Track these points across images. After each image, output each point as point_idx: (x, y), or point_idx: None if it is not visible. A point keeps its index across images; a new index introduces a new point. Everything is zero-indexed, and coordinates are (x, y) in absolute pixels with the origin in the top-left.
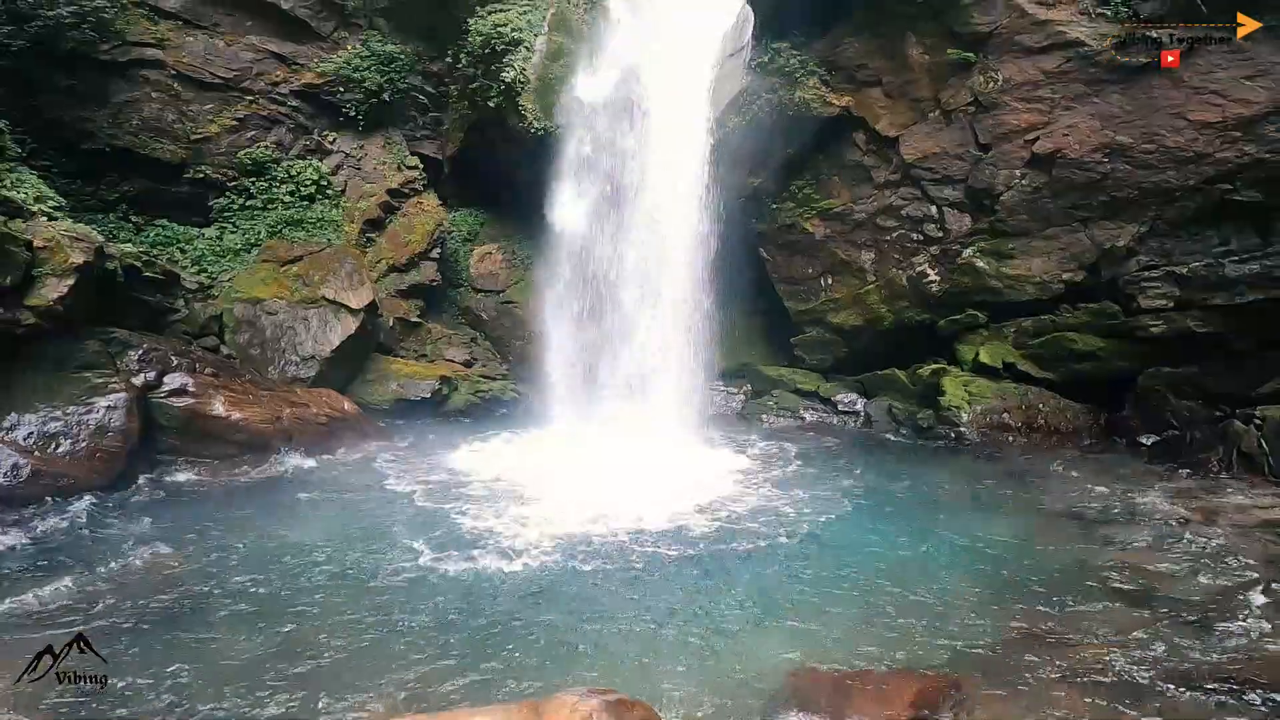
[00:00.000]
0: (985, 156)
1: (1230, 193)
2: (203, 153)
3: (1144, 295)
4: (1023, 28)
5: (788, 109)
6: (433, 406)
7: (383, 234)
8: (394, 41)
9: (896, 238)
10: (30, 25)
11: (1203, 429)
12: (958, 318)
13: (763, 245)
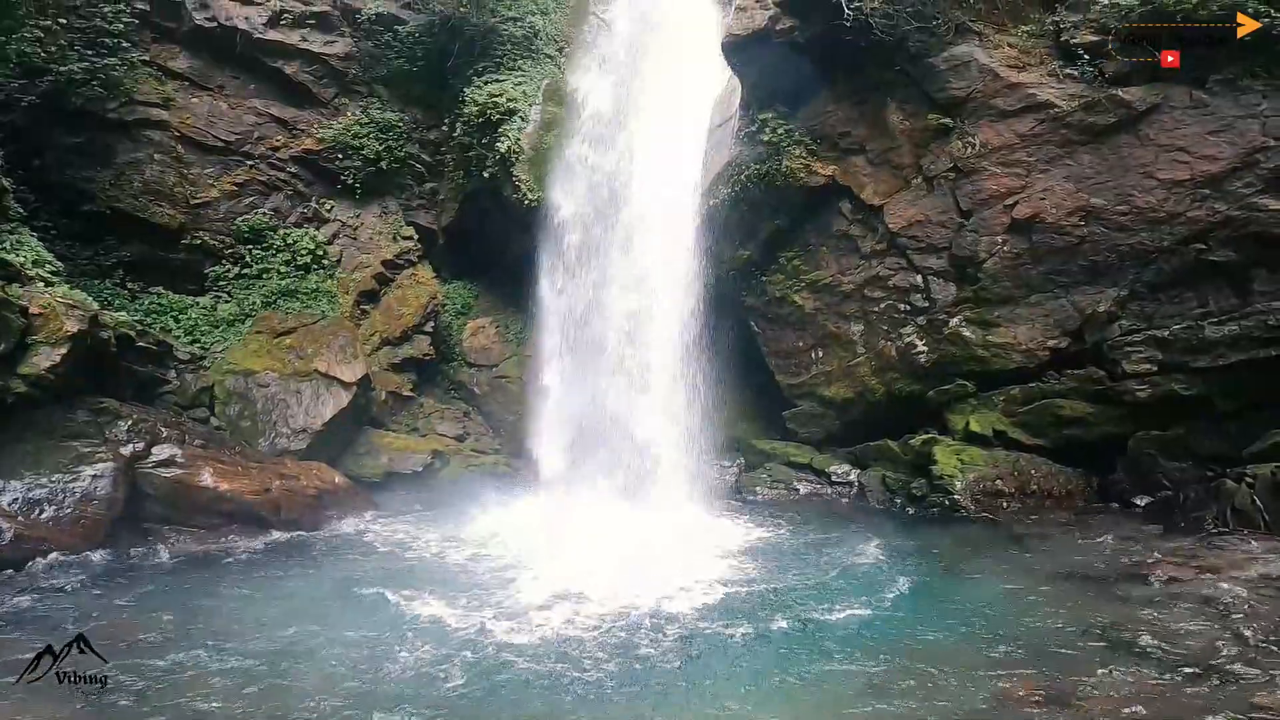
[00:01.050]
0: (967, 223)
1: (1205, 253)
2: (201, 218)
3: (1128, 360)
4: (996, 91)
5: (775, 179)
6: (424, 480)
7: (377, 306)
8: (393, 109)
9: (884, 309)
10: (42, 80)
11: (1195, 488)
12: (947, 388)
13: (753, 319)
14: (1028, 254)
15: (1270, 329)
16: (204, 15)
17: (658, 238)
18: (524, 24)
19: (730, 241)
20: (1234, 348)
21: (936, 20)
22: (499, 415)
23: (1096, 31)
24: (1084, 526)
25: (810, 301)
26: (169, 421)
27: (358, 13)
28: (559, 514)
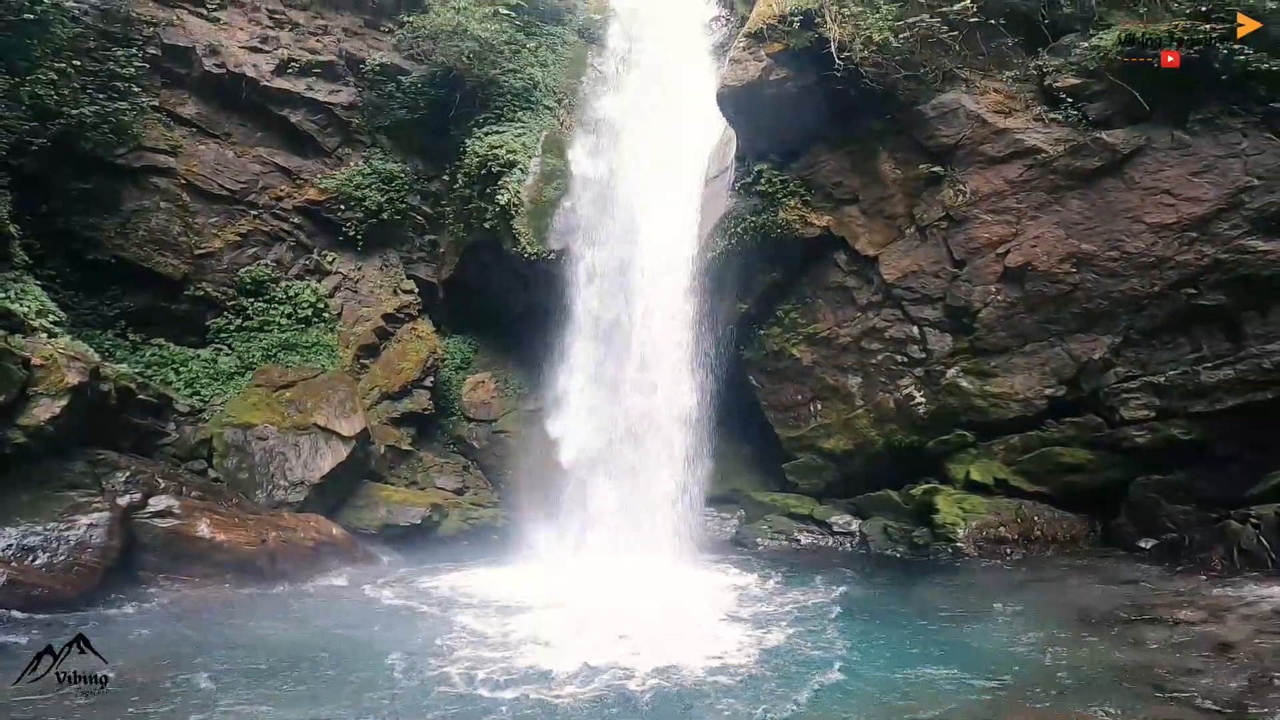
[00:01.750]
0: (960, 273)
1: (1196, 297)
2: (204, 269)
3: (1126, 407)
4: (984, 137)
5: (771, 231)
6: (423, 533)
7: (376, 360)
8: (395, 160)
9: (882, 360)
10: (54, 123)
11: (1201, 530)
12: (946, 438)
13: (751, 373)
14: (1021, 303)
15: (1265, 372)
16: (213, 61)
17: (656, 294)
18: (523, 76)
19: (727, 295)
20: (1230, 392)
21: (924, 68)
22: (498, 469)
23: (1078, 75)
24: (1090, 570)
25: (808, 355)
26: (167, 473)
27: (362, 62)
28: (559, 568)
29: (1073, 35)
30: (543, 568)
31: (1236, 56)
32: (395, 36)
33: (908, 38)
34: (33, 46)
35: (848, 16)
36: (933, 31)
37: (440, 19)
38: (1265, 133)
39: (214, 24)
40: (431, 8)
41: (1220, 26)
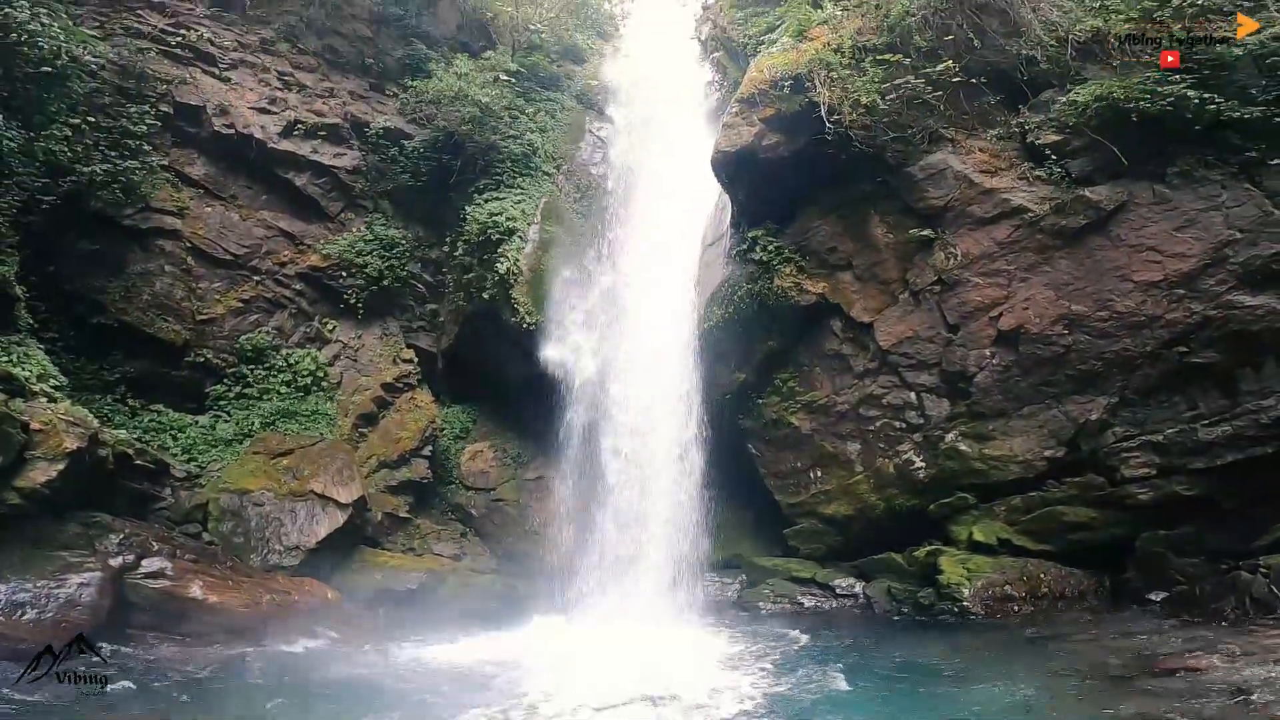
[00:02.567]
0: (955, 338)
1: (1188, 355)
2: (205, 335)
3: (1126, 465)
4: (972, 198)
5: (767, 299)
6: (420, 598)
7: (375, 429)
8: (396, 226)
9: (880, 427)
10: (65, 180)
11: (1211, 581)
12: (948, 500)
13: (750, 441)
14: (1016, 366)
15: (1263, 428)
16: (223, 121)
17: (654, 367)
18: (523, 142)
19: (725, 365)
20: (1229, 447)
21: (911, 129)
22: (497, 537)
23: (1058, 131)
24: (1101, 624)
25: (807, 423)
26: (161, 536)
27: (366, 126)
28: (558, 634)
29: (1051, 91)
30: (540, 634)
31: (1208, 105)
32: (399, 100)
33: (894, 99)
34: (49, 101)
35: (836, 80)
36: (918, 92)
37: (442, 84)
38: (1243, 183)
39: (225, 84)
40: (434, 73)
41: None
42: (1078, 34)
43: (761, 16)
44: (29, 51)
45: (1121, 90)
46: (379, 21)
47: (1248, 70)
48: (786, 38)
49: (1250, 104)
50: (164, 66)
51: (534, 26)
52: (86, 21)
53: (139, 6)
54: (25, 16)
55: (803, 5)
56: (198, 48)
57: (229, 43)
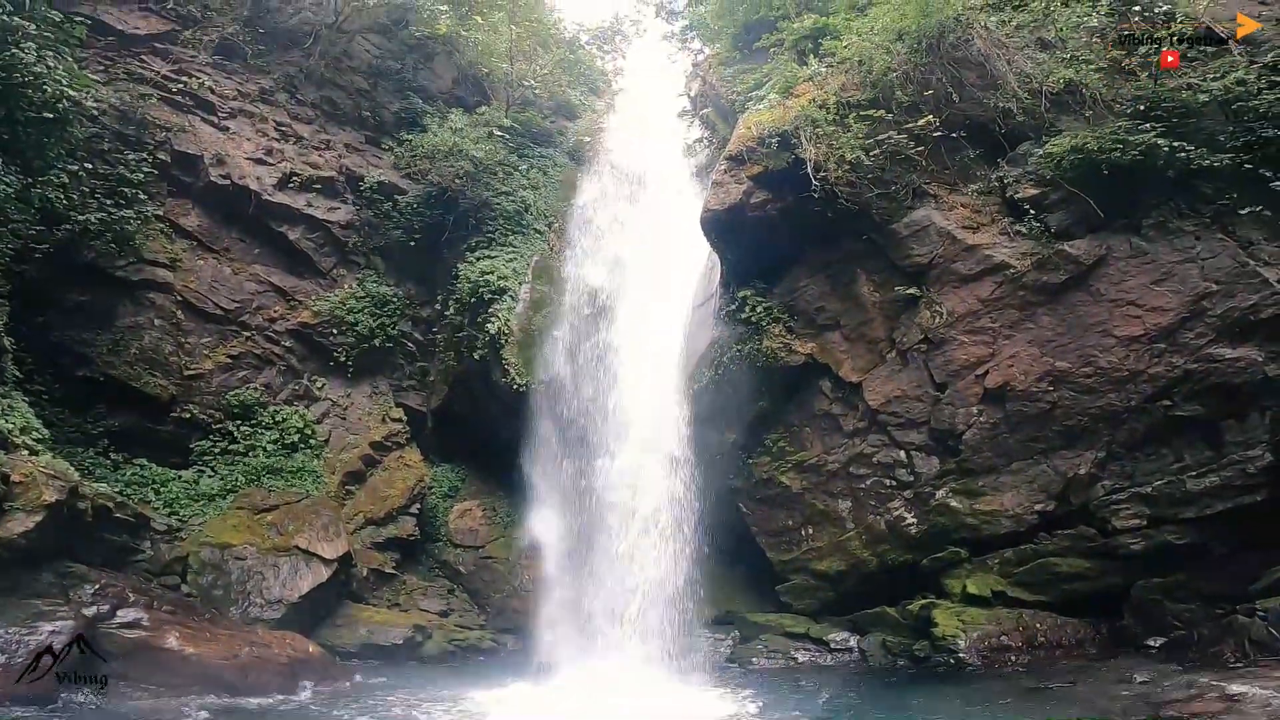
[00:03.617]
0: (942, 396)
1: (1172, 409)
2: (192, 390)
3: (1116, 517)
4: (955, 255)
5: (756, 360)
6: (405, 653)
7: (362, 487)
8: (388, 283)
9: (871, 485)
10: (60, 228)
11: (1209, 626)
12: (940, 555)
13: (740, 500)
14: (1004, 423)
15: (1250, 477)
16: (219, 172)
17: (644, 430)
18: (515, 199)
19: (715, 425)
20: (1218, 497)
21: (895, 185)
22: (485, 593)
23: (1036, 184)
24: (1100, 672)
25: (797, 481)
26: (138, 587)
27: (361, 180)
28: (547, 690)
29: (1028, 144)
30: (531, 692)
31: (1178, 154)
32: (394, 154)
33: (878, 155)
34: (49, 146)
35: (822, 136)
36: (900, 148)
37: (437, 139)
38: (1217, 234)
39: (223, 133)
40: (429, 127)
41: (1159, 127)
42: (1051, 85)
43: (749, 73)
44: (32, 95)
45: (1094, 141)
46: (377, 74)
47: (1214, 117)
48: (773, 94)
49: (1219, 151)
50: (164, 113)
51: (528, 83)
52: (91, 65)
53: (143, 51)
54: (31, 59)
55: (789, 62)
56: (199, 95)
57: (229, 91)
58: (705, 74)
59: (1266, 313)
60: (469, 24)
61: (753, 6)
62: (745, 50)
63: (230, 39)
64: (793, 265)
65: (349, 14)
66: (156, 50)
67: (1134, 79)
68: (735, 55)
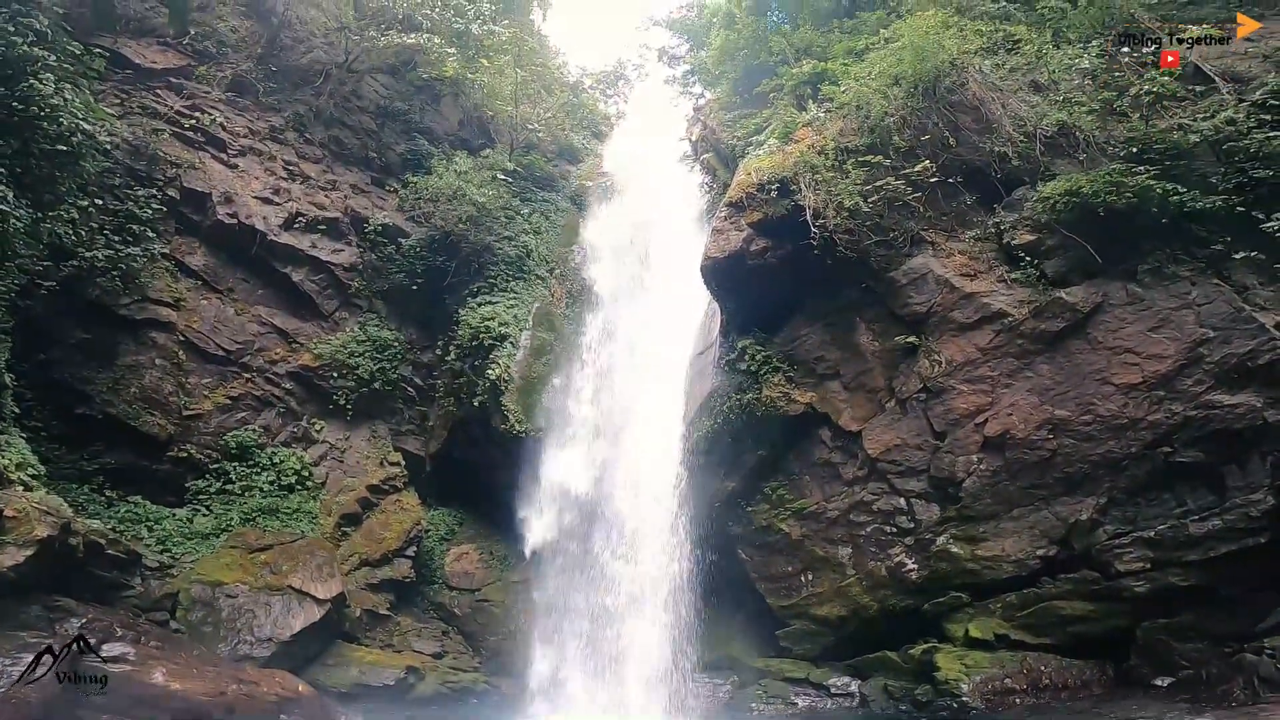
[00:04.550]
0: (942, 444)
1: (1172, 455)
2: (190, 430)
3: (1120, 561)
4: (954, 303)
5: (755, 409)
6: (397, 694)
7: (359, 529)
8: (390, 327)
9: (871, 532)
10: (66, 264)
11: (1217, 664)
12: (942, 600)
13: (740, 547)
14: (1004, 471)
15: (1253, 520)
16: (226, 210)
17: (644, 470)
18: (518, 244)
19: (715, 473)
20: (1222, 540)
21: (893, 232)
22: (480, 636)
23: (1032, 230)
24: (1108, 713)
25: (797, 529)
26: (125, 622)
27: (366, 222)
28: None
29: (1023, 188)
30: None
31: (1171, 197)
32: (399, 197)
33: (876, 201)
34: (61, 180)
35: (821, 182)
36: (898, 194)
37: (442, 181)
38: (1212, 279)
39: (233, 170)
40: (435, 169)
41: (1151, 169)
42: (1045, 128)
43: (749, 118)
44: (48, 127)
45: (1089, 184)
46: (384, 115)
47: (1206, 158)
48: (773, 140)
49: (1211, 193)
50: (175, 149)
51: (532, 126)
52: (108, 98)
53: (159, 86)
54: (50, 90)
55: (788, 108)
56: (210, 132)
57: (240, 128)
58: (706, 119)
59: (1264, 359)
60: (475, 66)
61: (753, 52)
62: (746, 95)
63: (244, 76)
64: (792, 314)
65: (359, 54)
66: (171, 85)
67: (1126, 120)
68: (736, 100)
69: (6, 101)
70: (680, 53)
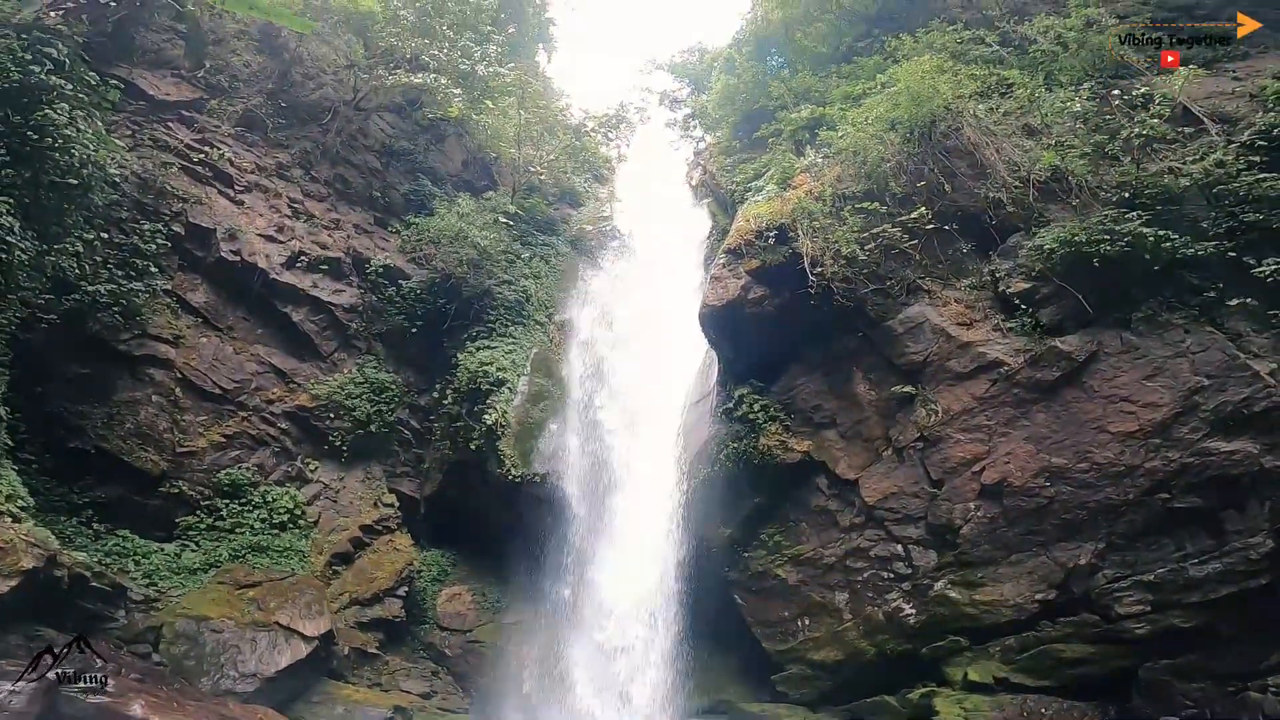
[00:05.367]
0: (939, 493)
1: (1170, 500)
2: (183, 467)
3: (1119, 604)
4: (950, 352)
5: (753, 458)
6: None
7: (350, 568)
8: (388, 369)
9: (868, 577)
10: (69, 297)
11: (1221, 703)
12: (940, 644)
13: (736, 592)
14: (1001, 517)
15: (1254, 562)
16: (230, 247)
17: (640, 516)
18: (517, 288)
19: (711, 520)
20: (1223, 582)
21: (889, 280)
22: (471, 677)
23: (1027, 278)
24: None
25: (793, 574)
26: (106, 653)
27: (368, 262)
28: None
29: (1017, 235)
30: None
31: (1163, 244)
32: (401, 238)
33: (873, 249)
34: (69, 212)
35: (818, 230)
36: (895, 242)
37: (444, 222)
38: (1206, 327)
39: (238, 207)
40: (437, 210)
41: (1143, 214)
42: (1038, 173)
43: (748, 163)
44: (60, 158)
45: (1083, 232)
46: (390, 154)
47: (1196, 202)
48: (772, 185)
49: (1203, 239)
50: (183, 183)
51: (534, 168)
52: (120, 129)
53: (170, 118)
54: (64, 120)
55: (786, 153)
56: (218, 167)
57: (248, 164)
58: (706, 163)
59: (1260, 406)
60: (480, 108)
61: (752, 97)
62: (745, 139)
63: (254, 111)
64: (789, 363)
65: (367, 92)
66: (183, 118)
67: (1117, 163)
68: (735, 144)
69: (20, 130)
70: (682, 96)
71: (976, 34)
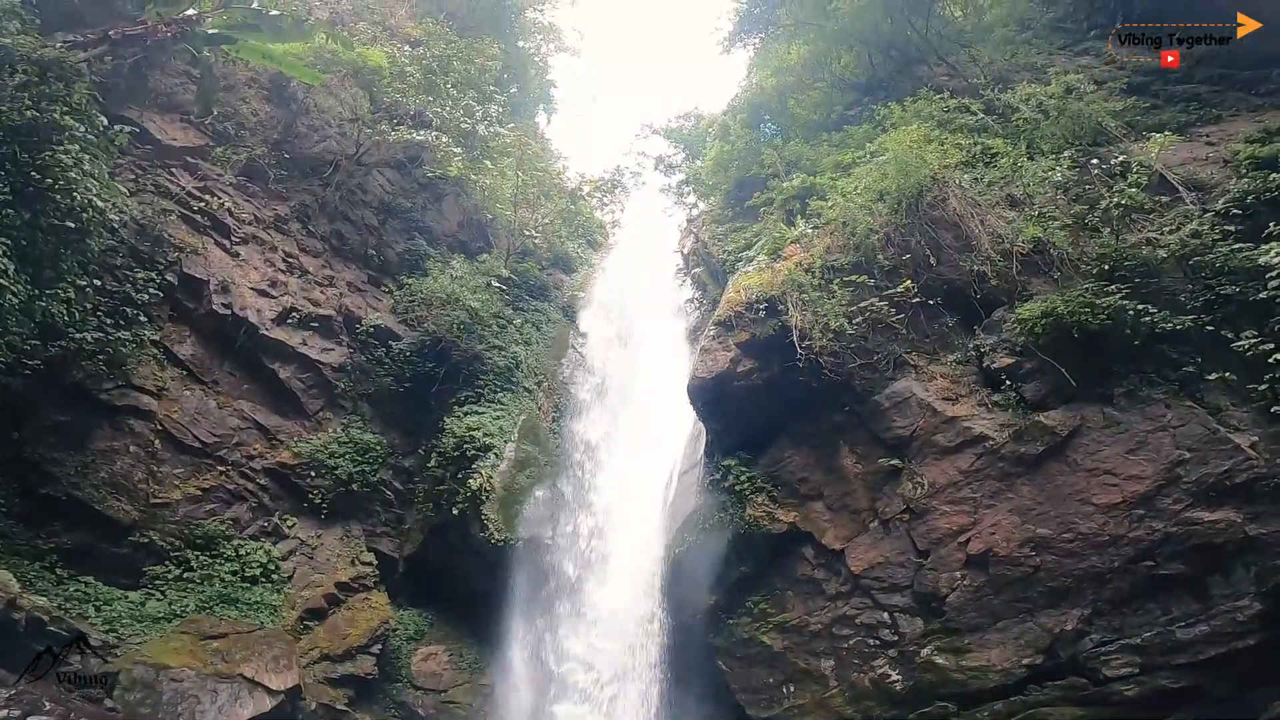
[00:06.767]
0: (925, 562)
1: (1155, 568)
2: (156, 518)
3: (1107, 667)
4: (936, 427)
5: (739, 528)
6: None
7: (323, 624)
8: (373, 430)
9: (854, 645)
10: (54, 344)
11: None
12: (927, 710)
13: (720, 659)
14: (987, 586)
15: (1241, 624)
16: (222, 300)
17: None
18: (508, 354)
19: (696, 587)
20: (1210, 644)
21: (876, 355)
22: None
23: (1010, 354)
24: None
25: (779, 641)
26: (56, 696)
27: (359, 321)
28: None
29: (1001, 309)
30: None
31: (1143, 318)
32: (394, 298)
33: (860, 323)
34: (64, 257)
35: (808, 302)
36: (882, 316)
37: (437, 284)
38: (1186, 401)
39: (234, 259)
40: (431, 271)
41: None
42: (1021, 246)
43: (740, 231)
44: (60, 200)
45: (1064, 305)
46: (387, 211)
47: (1174, 274)
48: (763, 256)
49: (1181, 312)
50: (181, 232)
51: (529, 232)
52: (125, 172)
53: (175, 164)
54: (70, 161)
55: (777, 222)
56: (217, 216)
57: (246, 215)
58: (698, 231)
59: (1241, 477)
60: (480, 167)
61: (745, 164)
62: (737, 207)
63: (257, 160)
64: (777, 435)
65: (369, 147)
66: (187, 164)
67: (1097, 235)
68: (728, 213)
69: (26, 170)
70: (676, 161)
71: (962, 102)
